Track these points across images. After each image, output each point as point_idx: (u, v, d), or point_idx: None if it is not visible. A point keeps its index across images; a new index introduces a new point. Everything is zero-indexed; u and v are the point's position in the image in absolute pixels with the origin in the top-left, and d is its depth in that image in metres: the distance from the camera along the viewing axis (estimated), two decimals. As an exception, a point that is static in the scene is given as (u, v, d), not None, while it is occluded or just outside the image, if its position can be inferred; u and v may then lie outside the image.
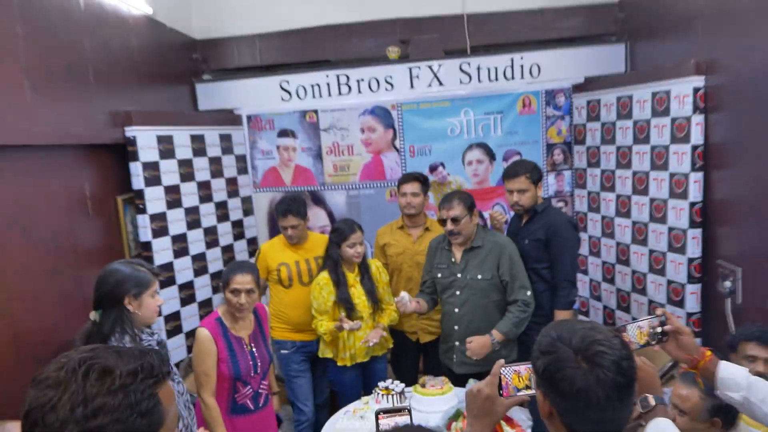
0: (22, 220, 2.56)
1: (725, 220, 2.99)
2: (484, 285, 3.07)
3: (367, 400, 3.00)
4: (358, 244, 3.22)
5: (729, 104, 2.91)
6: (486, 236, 3.14)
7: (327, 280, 3.26)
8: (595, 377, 1.10)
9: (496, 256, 3.07)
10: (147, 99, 3.61)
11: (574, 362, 1.12)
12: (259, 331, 2.85)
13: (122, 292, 2.15)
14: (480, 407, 1.39)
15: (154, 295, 2.21)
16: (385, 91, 4.31)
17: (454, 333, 3.18)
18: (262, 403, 2.84)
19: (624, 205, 3.66)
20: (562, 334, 1.18)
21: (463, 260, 3.12)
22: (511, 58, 4.21)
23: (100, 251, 3.14)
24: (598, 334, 1.16)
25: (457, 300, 3.14)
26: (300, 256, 3.52)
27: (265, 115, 4.40)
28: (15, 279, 2.48)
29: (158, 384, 1.01)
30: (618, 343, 1.15)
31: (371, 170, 4.38)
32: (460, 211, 3.03)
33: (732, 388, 1.62)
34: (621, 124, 3.64)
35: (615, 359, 1.12)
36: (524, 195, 3.21)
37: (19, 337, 2.46)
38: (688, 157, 3.10)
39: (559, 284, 3.20)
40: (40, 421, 0.93)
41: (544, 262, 3.22)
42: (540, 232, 3.21)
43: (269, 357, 2.86)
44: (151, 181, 3.38)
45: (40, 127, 2.61)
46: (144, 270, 2.20)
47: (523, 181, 3.19)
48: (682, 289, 3.21)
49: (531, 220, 3.28)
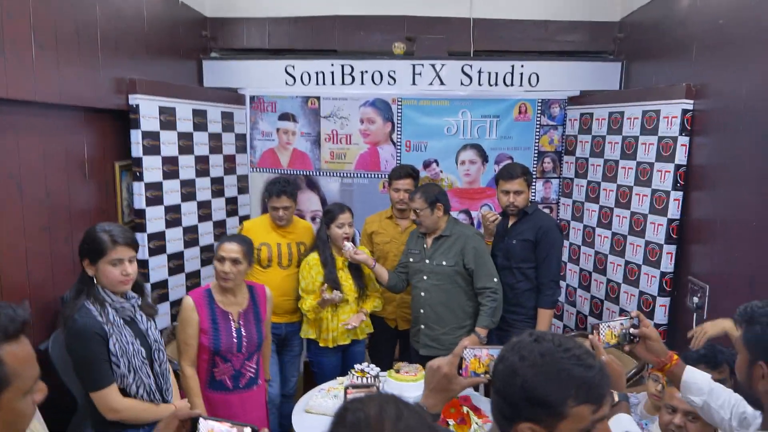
0: (18, 176, 2.60)
1: (699, 239, 3.12)
2: (449, 271, 3.25)
3: (342, 381, 3.10)
4: (346, 224, 3.33)
5: (714, 129, 3.03)
6: (455, 227, 3.33)
7: (316, 260, 3.36)
8: None
9: (461, 245, 3.25)
10: (153, 70, 3.67)
11: None
12: (252, 311, 2.79)
13: (81, 254, 2.14)
14: (437, 382, 1.45)
15: (117, 264, 2.11)
16: (387, 84, 4.40)
17: (420, 316, 3.35)
18: (244, 385, 2.75)
19: (606, 217, 3.78)
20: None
21: (432, 247, 3.30)
22: (512, 65, 4.31)
23: (94, 213, 3.20)
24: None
25: (424, 284, 3.31)
26: (283, 239, 3.54)
27: (268, 97, 4.48)
28: (6, 233, 2.52)
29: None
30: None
31: (367, 161, 4.47)
32: (420, 204, 3.24)
33: (694, 392, 1.72)
34: (610, 139, 3.75)
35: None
36: (520, 196, 3.32)
37: (7, 290, 2.50)
38: (671, 175, 3.22)
39: (544, 284, 3.34)
40: None
41: (530, 262, 3.35)
42: (529, 233, 3.34)
43: (258, 339, 2.77)
44: (150, 150, 3.46)
45: (44, 85, 2.64)
46: (106, 236, 2.11)
47: (520, 183, 3.31)
48: (652, 301, 3.33)
49: (519, 221, 3.40)
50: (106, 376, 2.10)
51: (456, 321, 3.28)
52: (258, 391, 2.85)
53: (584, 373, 1.08)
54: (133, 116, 3.36)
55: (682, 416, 2.09)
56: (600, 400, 1.10)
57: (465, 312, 3.30)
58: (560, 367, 1.08)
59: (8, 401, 0.96)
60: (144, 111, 3.39)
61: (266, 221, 3.60)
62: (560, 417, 1.08)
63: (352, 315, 3.35)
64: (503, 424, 1.16)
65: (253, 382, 2.79)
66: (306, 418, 2.83)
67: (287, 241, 3.55)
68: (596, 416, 1.10)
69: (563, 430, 1.08)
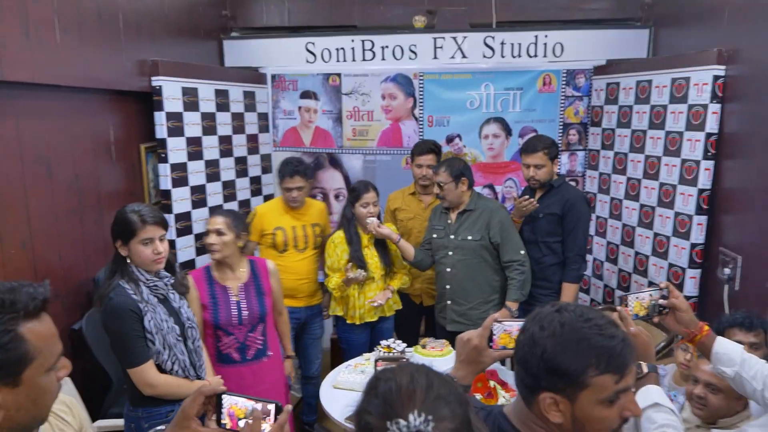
0: (46, 159, 2.65)
1: (730, 209, 3.05)
2: (474, 245, 3.23)
3: (368, 357, 3.13)
4: (371, 204, 3.32)
5: (746, 95, 2.94)
6: (479, 201, 3.31)
7: (341, 238, 3.37)
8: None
9: (486, 219, 3.22)
10: (174, 51, 3.68)
11: None
12: (253, 284, 2.81)
13: (114, 236, 2.19)
14: (467, 354, 1.46)
15: (148, 243, 2.16)
16: (408, 59, 4.35)
17: (446, 292, 3.34)
18: (252, 357, 2.78)
19: (633, 188, 3.71)
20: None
21: (456, 222, 3.29)
22: (536, 36, 4.22)
23: (122, 196, 3.26)
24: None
25: (449, 260, 3.29)
26: (297, 221, 3.50)
27: (289, 75, 4.47)
28: (38, 216, 2.57)
29: (19, 320, 0.98)
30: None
31: (389, 137, 4.45)
32: (444, 178, 3.22)
33: (726, 363, 1.69)
34: (638, 108, 3.67)
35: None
36: (541, 170, 3.30)
37: (40, 273, 2.57)
38: (701, 144, 3.14)
39: (570, 258, 3.32)
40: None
41: (557, 236, 3.34)
42: (555, 207, 3.32)
43: (260, 311, 2.78)
44: (174, 132, 3.49)
45: (68, 68, 2.68)
46: (135, 216, 2.15)
47: (540, 157, 3.28)
48: (682, 273, 3.28)
49: (546, 195, 3.38)
50: (143, 352, 2.16)
51: (482, 296, 3.27)
52: (270, 363, 2.86)
53: (605, 343, 1.08)
54: (157, 98, 3.39)
55: (703, 387, 2.10)
56: (623, 370, 1.09)
57: (491, 286, 3.29)
58: (580, 337, 1.08)
59: (31, 377, 0.98)
60: (167, 93, 3.41)
61: (279, 205, 3.54)
62: (581, 386, 1.08)
63: (379, 292, 3.37)
64: (526, 395, 1.16)
65: (261, 354, 2.82)
66: (334, 393, 2.86)
67: (302, 224, 3.51)
68: (619, 386, 1.09)
69: (584, 400, 1.08)
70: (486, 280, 3.28)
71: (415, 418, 0.85)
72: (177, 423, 1.36)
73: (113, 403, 2.85)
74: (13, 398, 0.97)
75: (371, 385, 0.94)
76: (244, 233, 2.80)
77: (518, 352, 1.16)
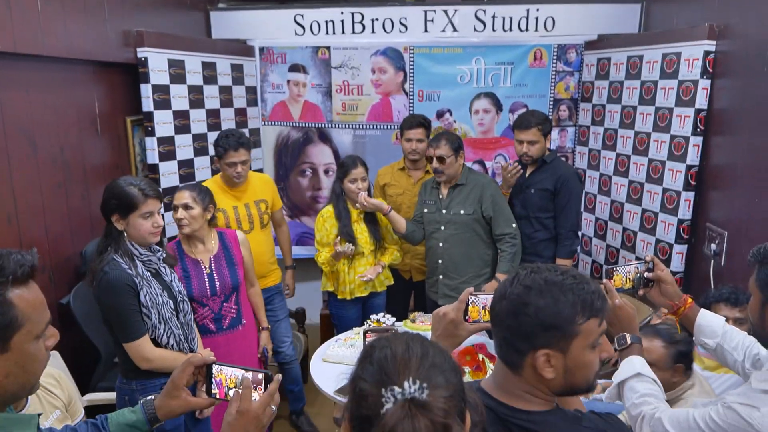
0: (30, 132, 2.61)
1: (718, 185, 3.07)
2: (467, 219, 3.24)
3: (358, 331, 3.14)
4: (359, 179, 3.29)
5: (736, 71, 2.94)
6: (470, 175, 3.31)
7: (330, 213, 3.36)
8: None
9: (478, 193, 3.23)
10: (160, 22, 3.62)
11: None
12: (223, 255, 2.79)
13: (109, 210, 2.15)
14: (444, 329, 1.47)
15: (148, 216, 2.16)
16: (398, 32, 4.30)
17: (438, 267, 3.35)
18: (227, 326, 2.79)
19: (623, 164, 3.72)
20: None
21: (448, 197, 3.28)
22: (527, 9, 4.18)
23: (108, 169, 3.23)
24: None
25: (441, 235, 3.30)
26: (239, 200, 3.26)
27: (278, 48, 4.40)
28: (22, 190, 2.54)
29: (6, 285, 0.98)
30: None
31: (379, 111, 4.41)
32: (446, 151, 3.18)
33: (708, 335, 1.73)
34: (629, 84, 3.66)
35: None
36: (534, 146, 3.29)
37: (26, 247, 2.52)
38: (690, 120, 3.14)
39: (563, 234, 3.36)
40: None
41: (549, 211, 3.36)
42: (548, 182, 3.32)
43: (233, 281, 2.76)
44: (160, 105, 3.44)
45: (51, 38, 2.63)
46: (136, 190, 2.14)
47: (534, 133, 3.27)
48: (669, 249, 3.31)
49: (538, 170, 3.38)
50: (139, 327, 2.16)
51: (475, 270, 3.29)
52: (243, 332, 2.88)
53: (586, 289, 1.15)
54: (142, 70, 3.33)
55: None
56: (601, 313, 1.16)
57: (483, 260, 3.30)
58: (565, 288, 1.14)
59: (20, 344, 0.99)
60: (153, 64, 3.35)
61: (215, 185, 3.20)
62: (573, 335, 1.13)
63: (369, 267, 3.37)
64: (514, 360, 1.18)
65: (236, 322, 2.83)
66: (324, 367, 2.88)
67: (244, 202, 3.27)
68: (601, 329, 1.17)
69: (575, 348, 1.14)
70: (478, 254, 3.29)
71: (410, 385, 0.85)
72: (167, 393, 1.37)
73: (102, 377, 2.85)
74: (2, 364, 0.97)
75: (366, 353, 0.94)
76: (211, 205, 2.75)
77: (503, 320, 1.18)
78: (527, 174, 3.42)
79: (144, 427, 1.37)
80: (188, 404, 1.38)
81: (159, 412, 1.37)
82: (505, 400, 1.20)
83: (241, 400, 1.24)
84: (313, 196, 4.60)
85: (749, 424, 1.39)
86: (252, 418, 1.22)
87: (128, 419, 1.37)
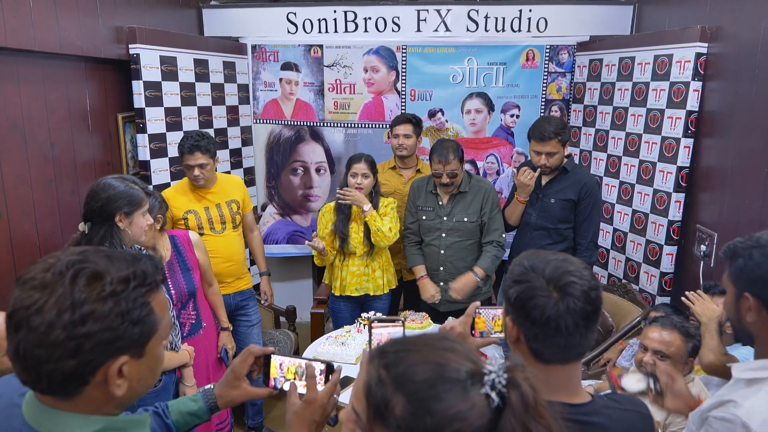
0: (20, 127, 2.58)
1: (708, 187, 3.09)
2: (471, 227, 3.21)
3: (349, 329, 3.14)
4: (360, 175, 3.22)
5: (727, 73, 2.96)
6: (471, 181, 3.26)
7: (331, 207, 3.34)
8: (565, 306, 1.14)
9: (481, 198, 3.20)
10: (153, 18, 3.59)
11: (546, 291, 1.15)
12: (177, 260, 2.67)
13: (114, 209, 2.11)
14: None
15: (146, 214, 2.19)
16: (391, 31, 4.30)
17: (439, 273, 3.31)
18: (188, 333, 2.71)
19: (614, 166, 3.74)
20: (535, 264, 1.20)
21: (449, 204, 3.24)
22: (520, 10, 4.19)
23: (99, 165, 3.20)
24: (569, 266, 1.19)
25: (442, 242, 3.26)
26: (209, 201, 3.17)
27: (270, 46, 4.39)
28: (13, 185, 2.52)
29: (151, 292, 0.97)
30: (588, 275, 1.19)
31: (371, 110, 4.41)
32: (456, 166, 3.11)
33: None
34: (620, 85, 3.68)
35: (585, 289, 1.15)
36: (553, 157, 3.06)
37: (16, 241, 2.53)
38: (681, 122, 3.17)
39: (583, 245, 3.14)
40: (24, 322, 0.88)
41: (569, 222, 3.15)
42: (570, 192, 3.11)
43: (189, 287, 2.67)
44: (152, 101, 3.41)
45: (43, 33, 2.61)
46: (137, 188, 2.16)
47: (554, 145, 3.03)
48: (659, 250, 3.33)
49: (558, 179, 3.16)
50: None
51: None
52: (205, 335, 2.82)
53: None
54: (134, 66, 3.30)
55: (651, 354, 2.16)
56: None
57: None
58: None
59: (153, 348, 0.98)
60: (145, 61, 3.33)
61: (186, 186, 3.16)
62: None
63: (362, 267, 3.34)
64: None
65: (197, 328, 2.77)
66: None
67: (215, 203, 3.19)
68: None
69: None
70: (478, 259, 3.27)
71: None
72: (227, 382, 1.38)
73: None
74: (137, 369, 0.96)
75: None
76: (160, 215, 2.61)
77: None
78: (543, 183, 3.20)
79: (205, 416, 1.38)
80: (248, 393, 1.38)
81: (219, 401, 1.38)
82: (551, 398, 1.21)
83: (307, 390, 1.24)
84: (305, 195, 4.59)
85: (736, 423, 1.37)
86: (318, 407, 1.23)
87: (190, 408, 1.37)
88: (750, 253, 1.37)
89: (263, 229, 4.61)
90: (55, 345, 0.87)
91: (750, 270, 1.36)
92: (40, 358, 0.88)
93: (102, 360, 0.91)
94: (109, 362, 0.92)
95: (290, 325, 4.11)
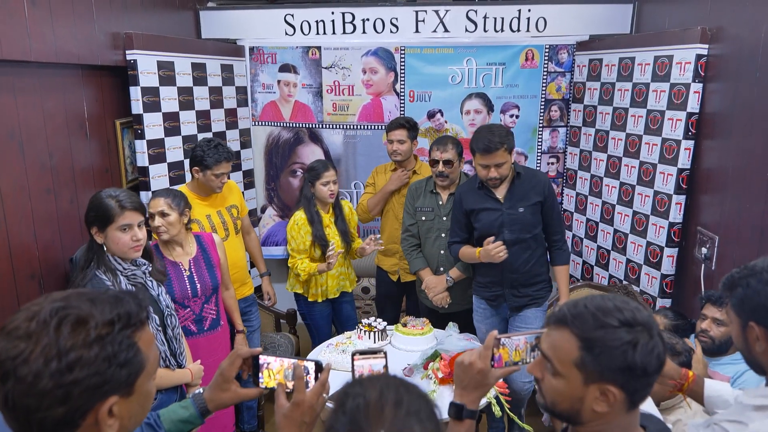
0: (18, 137, 2.57)
1: (709, 189, 3.08)
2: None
3: (350, 335, 3.14)
4: (331, 182, 3.30)
5: (728, 75, 2.94)
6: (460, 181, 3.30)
7: (303, 219, 3.34)
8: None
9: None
10: (149, 23, 3.57)
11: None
12: (202, 257, 2.80)
13: (89, 222, 2.11)
14: (471, 379, 1.37)
15: (126, 229, 2.10)
16: (389, 33, 4.27)
17: (439, 274, 3.33)
18: (208, 327, 2.80)
19: (614, 166, 3.73)
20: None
21: (448, 203, 3.25)
22: (519, 10, 4.16)
23: (98, 173, 3.18)
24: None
25: (442, 242, 3.27)
26: (212, 208, 3.19)
27: (268, 48, 4.37)
28: (11, 195, 2.50)
29: (136, 332, 0.97)
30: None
31: (370, 112, 4.39)
32: (453, 155, 3.16)
33: (720, 406, 1.71)
34: (620, 86, 3.66)
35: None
36: (502, 167, 2.87)
37: (15, 252, 2.51)
38: (682, 124, 3.15)
39: (559, 240, 3.10)
40: (11, 373, 0.87)
41: (539, 224, 3.04)
42: (533, 195, 2.98)
43: (212, 282, 2.78)
44: (150, 107, 3.40)
45: (39, 43, 2.59)
46: (113, 201, 2.09)
47: (501, 155, 2.84)
48: (660, 252, 3.32)
49: (516, 186, 2.99)
50: None
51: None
52: (222, 333, 2.91)
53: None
54: (132, 72, 3.29)
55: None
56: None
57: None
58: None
59: (141, 385, 0.99)
60: (142, 67, 3.31)
61: (187, 194, 3.02)
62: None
63: (341, 268, 3.47)
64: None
65: (216, 324, 2.85)
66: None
67: (216, 209, 3.21)
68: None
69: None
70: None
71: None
72: (217, 385, 1.39)
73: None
74: (127, 407, 0.97)
75: (340, 401, 0.91)
76: (187, 209, 2.74)
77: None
78: (501, 196, 2.99)
79: (197, 421, 1.39)
80: (238, 395, 1.39)
81: (210, 404, 1.39)
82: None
83: (296, 391, 1.24)
84: (305, 197, 4.57)
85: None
86: (307, 408, 1.23)
87: (181, 416, 1.38)
88: (747, 282, 1.38)
89: (263, 231, 4.61)
90: (44, 394, 0.87)
91: (750, 299, 1.37)
92: (30, 408, 0.88)
93: (91, 404, 0.91)
94: (99, 405, 0.92)
95: (291, 328, 4.10)
